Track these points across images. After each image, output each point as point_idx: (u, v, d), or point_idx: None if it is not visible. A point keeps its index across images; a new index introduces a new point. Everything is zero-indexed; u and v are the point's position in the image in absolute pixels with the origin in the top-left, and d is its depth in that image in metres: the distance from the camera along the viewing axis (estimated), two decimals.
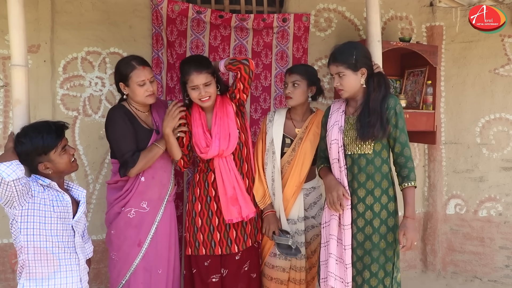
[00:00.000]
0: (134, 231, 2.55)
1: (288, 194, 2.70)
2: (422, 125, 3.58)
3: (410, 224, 2.28)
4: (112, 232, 2.59)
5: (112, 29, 3.24)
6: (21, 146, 1.99)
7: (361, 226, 2.38)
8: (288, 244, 2.60)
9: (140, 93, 2.52)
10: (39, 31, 3.09)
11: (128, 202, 2.55)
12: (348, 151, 2.40)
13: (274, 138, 2.73)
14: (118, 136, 2.51)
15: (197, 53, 3.31)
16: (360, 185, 2.37)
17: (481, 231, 3.96)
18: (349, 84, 2.37)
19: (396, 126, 2.33)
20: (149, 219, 2.58)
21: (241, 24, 3.34)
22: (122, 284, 2.55)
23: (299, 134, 2.73)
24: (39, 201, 1.95)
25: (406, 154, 2.34)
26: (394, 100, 2.35)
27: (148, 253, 2.56)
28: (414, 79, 3.79)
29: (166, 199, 2.64)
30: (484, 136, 3.94)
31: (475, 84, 3.94)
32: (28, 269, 1.96)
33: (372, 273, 2.36)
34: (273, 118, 2.79)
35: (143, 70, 2.52)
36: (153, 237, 2.58)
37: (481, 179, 3.95)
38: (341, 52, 2.38)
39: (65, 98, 3.19)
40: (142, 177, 2.56)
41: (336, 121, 2.45)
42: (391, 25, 3.88)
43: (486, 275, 3.94)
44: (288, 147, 2.73)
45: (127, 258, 2.55)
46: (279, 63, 3.44)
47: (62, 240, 2.01)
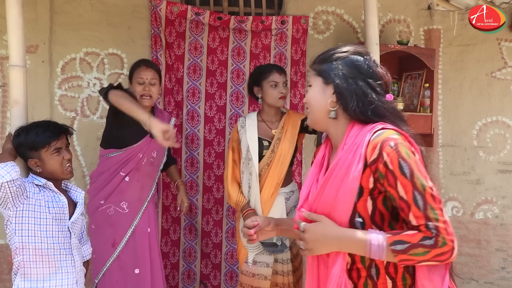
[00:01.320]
0: (110, 230, 2.59)
1: (266, 196, 2.64)
2: (419, 127, 3.58)
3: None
4: (93, 227, 2.63)
5: (111, 30, 3.24)
6: (17, 138, 2.01)
7: None
8: (273, 242, 2.54)
9: (137, 91, 2.59)
10: (38, 31, 3.09)
11: (108, 197, 2.58)
12: None
13: (250, 144, 2.66)
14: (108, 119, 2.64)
15: (196, 55, 3.32)
16: None
17: (477, 233, 3.97)
18: None
19: None
20: (126, 221, 2.60)
21: (240, 26, 3.34)
22: (98, 279, 2.59)
23: (277, 134, 2.69)
24: (34, 202, 1.94)
25: None
26: None
27: (124, 253, 2.58)
28: (411, 82, 3.80)
29: (146, 201, 2.67)
30: (481, 139, 3.95)
31: (472, 87, 3.95)
32: (23, 270, 1.95)
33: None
34: (245, 124, 2.72)
35: (146, 69, 2.61)
36: (129, 238, 2.59)
37: (478, 182, 3.97)
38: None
39: (63, 98, 3.19)
40: (127, 177, 2.60)
41: None
42: (389, 28, 3.89)
43: (482, 277, 3.95)
44: (267, 149, 2.68)
45: (102, 257, 2.58)
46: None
47: (58, 241, 1.99)
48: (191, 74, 3.32)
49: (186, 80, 3.32)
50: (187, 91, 3.32)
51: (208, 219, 3.38)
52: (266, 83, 2.66)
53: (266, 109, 2.73)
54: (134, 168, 2.61)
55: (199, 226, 3.38)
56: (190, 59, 3.31)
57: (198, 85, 3.35)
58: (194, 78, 3.33)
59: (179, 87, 3.28)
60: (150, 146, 2.64)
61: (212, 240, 3.38)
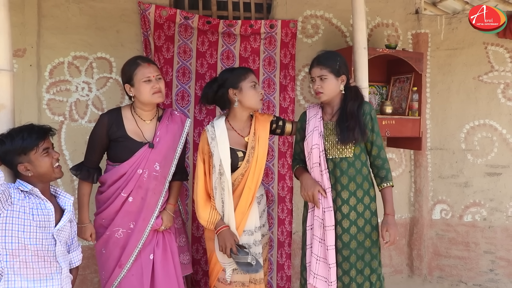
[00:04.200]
0: (119, 251, 2.48)
1: (243, 207, 2.51)
2: (408, 131, 3.61)
3: (391, 220, 2.45)
4: (103, 251, 2.51)
5: (100, 33, 3.22)
6: (2, 145, 1.97)
7: (346, 227, 2.47)
8: (247, 261, 2.45)
9: (145, 90, 2.41)
10: (25, 35, 3.06)
11: (114, 219, 2.46)
12: (330, 155, 2.49)
13: (223, 157, 2.45)
14: (89, 143, 2.53)
15: (185, 58, 3.31)
16: (343, 187, 2.47)
17: (466, 236, 4.00)
18: (330, 88, 2.48)
19: (372, 130, 2.49)
20: (135, 241, 2.47)
21: (229, 30, 3.35)
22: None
23: (250, 143, 2.53)
24: (18, 209, 1.91)
25: (382, 156, 2.51)
26: (369, 106, 2.51)
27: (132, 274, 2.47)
28: (400, 85, 3.82)
29: (152, 219, 2.49)
30: (469, 142, 3.99)
31: (460, 91, 3.99)
32: (7, 277, 1.92)
33: (358, 271, 2.47)
34: (215, 135, 2.48)
35: (148, 66, 2.44)
36: (136, 259, 2.47)
37: (466, 185, 4.00)
38: (326, 57, 2.51)
39: (51, 103, 3.17)
40: (130, 197, 2.44)
41: (316, 126, 2.53)
42: (377, 32, 3.92)
43: (471, 280, 3.98)
44: (242, 160, 2.51)
45: (110, 276, 2.49)
46: (266, 68, 3.45)
47: (42, 248, 1.96)
48: (180, 77, 3.32)
49: (175, 83, 3.31)
50: (177, 94, 3.32)
51: (198, 224, 3.36)
52: (246, 84, 2.48)
53: (239, 114, 2.54)
54: (136, 186, 2.44)
55: (189, 231, 3.36)
56: (179, 63, 3.31)
57: (187, 88, 3.34)
58: (184, 82, 3.33)
59: (168, 90, 3.28)
60: (150, 159, 2.45)
61: (202, 246, 3.37)
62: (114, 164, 2.50)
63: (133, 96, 2.47)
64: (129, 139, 2.46)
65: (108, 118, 2.48)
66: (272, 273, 3.50)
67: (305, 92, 3.73)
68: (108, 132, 2.46)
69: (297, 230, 3.71)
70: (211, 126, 2.54)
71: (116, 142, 2.47)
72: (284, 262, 3.54)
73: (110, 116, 2.49)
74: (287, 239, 3.55)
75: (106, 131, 2.46)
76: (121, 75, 2.53)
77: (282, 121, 2.72)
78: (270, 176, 3.50)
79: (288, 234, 3.56)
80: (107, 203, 2.48)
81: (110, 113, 2.53)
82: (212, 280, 2.60)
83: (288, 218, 3.56)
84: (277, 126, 2.70)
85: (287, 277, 3.55)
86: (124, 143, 2.46)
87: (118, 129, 2.46)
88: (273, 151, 3.49)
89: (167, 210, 2.58)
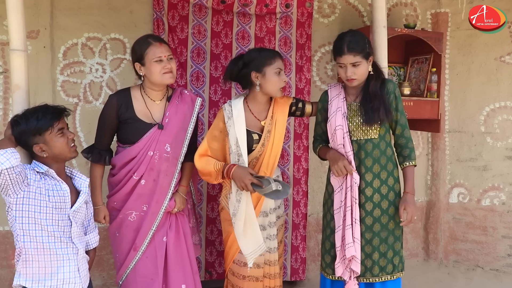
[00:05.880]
0: (133, 234, 2.47)
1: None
2: (426, 113, 3.55)
3: (410, 199, 2.41)
4: (117, 234, 2.51)
5: (113, 14, 3.19)
6: (17, 126, 1.97)
7: (369, 210, 2.45)
8: (273, 189, 2.35)
9: (156, 70, 2.36)
10: (38, 16, 3.04)
11: (126, 203, 2.45)
12: (354, 137, 2.44)
13: (239, 137, 2.43)
14: (98, 125, 2.51)
15: (199, 39, 3.26)
16: (367, 169, 2.44)
17: (484, 220, 3.94)
18: (362, 73, 2.41)
19: (396, 109, 2.44)
20: (148, 223, 2.45)
21: (244, 10, 3.29)
22: (122, 280, 2.50)
23: (266, 126, 2.50)
24: (35, 190, 1.92)
25: (406, 135, 2.47)
26: (393, 85, 2.46)
27: (146, 257, 2.46)
28: (418, 66, 3.74)
29: (165, 202, 2.47)
30: (489, 125, 3.90)
31: (480, 72, 3.89)
32: (25, 257, 1.95)
33: (381, 254, 2.46)
34: (232, 114, 2.47)
35: (160, 46, 2.38)
36: (150, 242, 2.46)
37: (484, 168, 3.93)
38: (355, 41, 2.38)
39: (65, 84, 3.15)
40: (142, 180, 2.42)
41: (339, 107, 2.48)
42: (395, 12, 3.83)
43: (488, 264, 3.93)
44: (257, 143, 2.49)
45: (124, 259, 2.49)
46: (282, 49, 3.39)
47: (58, 229, 1.98)
48: (195, 58, 3.27)
49: (190, 64, 3.27)
50: (191, 75, 3.28)
51: (213, 205, 3.36)
52: (270, 70, 2.42)
53: (258, 97, 2.51)
54: (148, 168, 2.41)
55: (204, 213, 3.36)
56: (194, 43, 3.26)
57: (202, 69, 3.30)
58: (198, 62, 3.29)
59: (183, 71, 3.24)
60: (160, 140, 2.42)
61: (217, 227, 3.36)
62: (125, 145, 2.48)
63: (143, 75, 2.43)
64: (138, 121, 2.43)
65: (117, 99, 2.45)
66: (286, 255, 3.49)
67: (321, 73, 3.67)
68: (117, 113, 2.44)
69: (312, 212, 3.69)
70: (228, 105, 2.51)
71: (125, 124, 2.45)
72: (299, 244, 3.52)
73: (119, 97, 2.46)
74: (302, 221, 3.54)
75: (116, 112, 2.43)
76: (131, 53, 2.48)
77: (302, 103, 2.66)
78: (286, 157, 3.46)
79: (303, 216, 3.54)
80: (119, 186, 2.47)
81: (119, 93, 2.50)
82: (228, 262, 2.59)
83: (303, 200, 3.53)
84: (297, 108, 2.65)
85: (302, 259, 3.54)
86: (134, 124, 2.43)
87: (127, 110, 2.43)
88: (289, 132, 3.45)
89: (179, 192, 2.56)
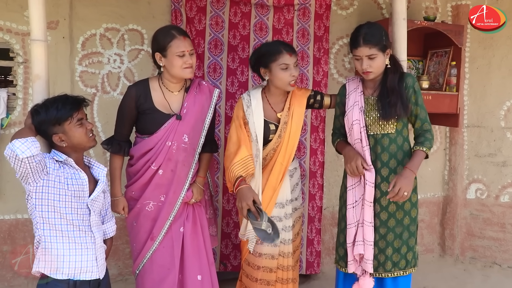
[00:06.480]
0: (151, 224, 2.48)
1: (274, 182, 2.50)
2: (445, 107, 3.50)
3: (406, 173, 2.28)
4: (134, 224, 2.52)
5: (131, 5, 3.20)
6: (37, 116, 1.99)
7: (384, 205, 2.42)
8: (264, 229, 2.26)
9: (178, 64, 2.35)
10: (58, 7, 3.06)
11: (144, 192, 2.46)
12: (371, 132, 2.42)
13: (257, 127, 2.47)
14: (118, 116, 2.52)
15: (217, 30, 3.26)
16: (384, 164, 2.41)
17: (502, 216, 3.89)
18: (379, 66, 2.37)
19: (416, 104, 2.39)
20: (166, 214, 2.46)
21: (262, 1, 3.27)
22: (139, 270, 2.51)
23: (283, 118, 2.52)
24: (54, 178, 1.94)
25: (425, 128, 2.40)
26: (412, 79, 2.41)
27: (163, 247, 2.47)
28: (437, 59, 3.69)
29: (183, 192, 2.47)
30: (509, 120, 3.84)
31: (502, 66, 3.82)
32: (44, 245, 1.97)
33: (395, 249, 2.44)
34: (251, 103, 2.49)
35: (184, 40, 2.37)
36: (167, 233, 2.47)
37: (504, 164, 3.87)
38: (372, 33, 2.34)
39: (83, 75, 3.18)
40: (160, 170, 2.42)
41: (356, 101, 2.45)
42: (415, 4, 3.77)
43: (506, 262, 3.88)
44: (274, 133, 2.51)
45: (141, 249, 2.50)
46: (300, 41, 3.37)
47: (77, 218, 2.00)
48: (212, 49, 3.27)
49: (207, 55, 3.27)
50: (208, 66, 3.28)
51: (229, 197, 3.37)
52: (275, 66, 2.42)
53: (273, 90, 2.53)
54: (166, 158, 2.41)
55: (220, 205, 3.37)
56: (211, 34, 3.25)
57: (219, 60, 3.30)
58: (216, 54, 3.28)
59: (200, 63, 3.24)
60: (178, 131, 2.42)
61: (233, 219, 3.37)
62: (143, 136, 2.49)
63: (163, 66, 2.43)
64: (157, 111, 2.44)
65: (136, 90, 2.45)
66: (302, 248, 3.48)
67: (339, 66, 3.64)
68: (136, 104, 2.44)
69: (327, 205, 3.68)
70: (247, 95, 2.55)
71: (144, 115, 2.45)
72: (314, 237, 3.52)
73: (138, 88, 2.46)
74: (317, 215, 3.53)
75: (135, 103, 2.44)
76: (152, 42, 2.45)
77: (321, 95, 2.65)
78: (302, 150, 3.45)
79: (319, 209, 3.53)
80: (137, 176, 2.48)
81: (137, 84, 2.51)
82: (244, 253, 2.61)
83: (319, 193, 3.52)
84: (315, 100, 2.63)
85: (317, 252, 3.53)
86: (152, 115, 2.44)
87: (145, 101, 2.44)
88: (306, 125, 3.43)
89: (196, 182, 2.57)
